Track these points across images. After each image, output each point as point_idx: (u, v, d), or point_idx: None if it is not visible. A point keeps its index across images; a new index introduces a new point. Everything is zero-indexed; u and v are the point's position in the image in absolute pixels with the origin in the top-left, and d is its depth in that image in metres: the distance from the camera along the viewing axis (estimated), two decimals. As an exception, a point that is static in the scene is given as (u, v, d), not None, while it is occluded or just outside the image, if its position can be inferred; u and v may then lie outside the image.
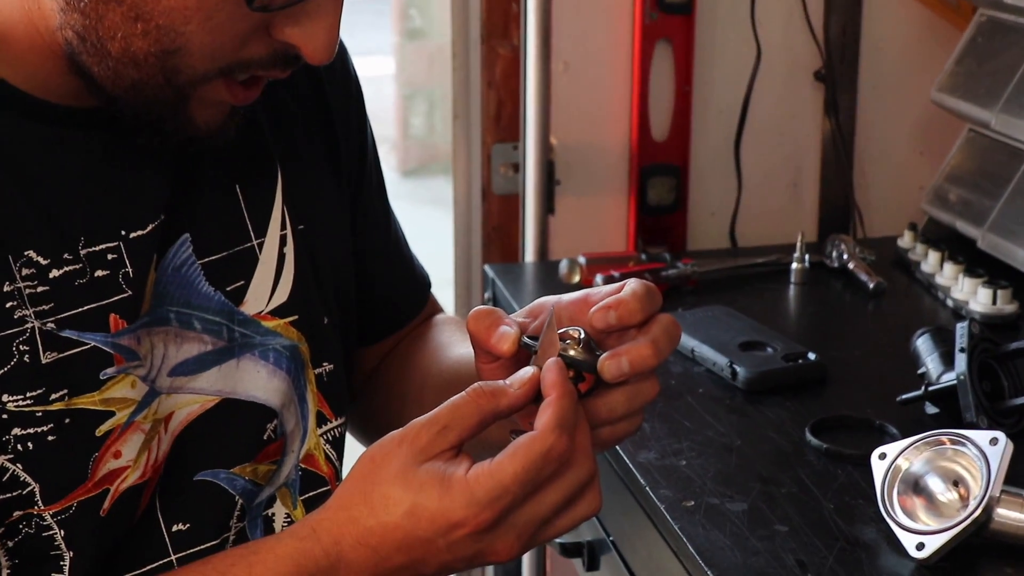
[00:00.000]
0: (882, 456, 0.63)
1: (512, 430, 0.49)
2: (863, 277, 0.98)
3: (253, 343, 0.57)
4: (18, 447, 0.50)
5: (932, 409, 0.75)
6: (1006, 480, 0.59)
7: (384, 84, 3.25)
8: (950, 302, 0.94)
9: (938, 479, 0.61)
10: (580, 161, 1.11)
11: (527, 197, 1.08)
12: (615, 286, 0.52)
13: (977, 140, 1.01)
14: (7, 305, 0.50)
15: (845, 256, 1.00)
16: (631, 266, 0.98)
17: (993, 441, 0.60)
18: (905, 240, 1.03)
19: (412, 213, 1.61)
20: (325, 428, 0.60)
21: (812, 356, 0.81)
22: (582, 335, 0.51)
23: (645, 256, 1.01)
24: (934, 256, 0.97)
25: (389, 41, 3.30)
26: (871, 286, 0.97)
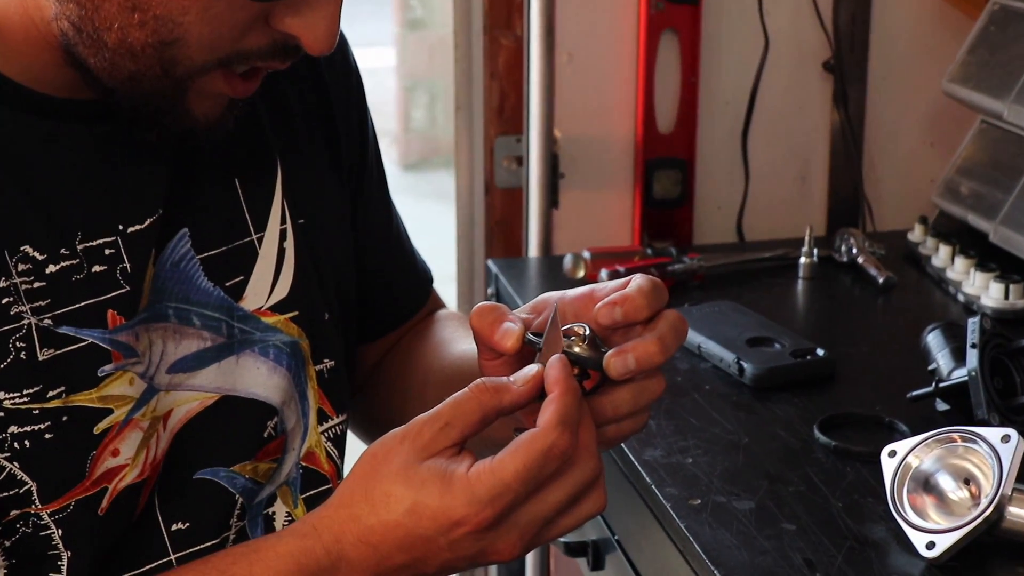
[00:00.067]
0: (892, 454, 0.63)
1: (515, 428, 0.48)
2: (872, 272, 0.97)
3: (253, 339, 0.57)
4: (15, 445, 0.50)
5: (943, 406, 0.74)
6: (1018, 478, 0.59)
7: (385, 76, 3.24)
8: (961, 297, 0.93)
9: (949, 477, 0.61)
10: (584, 154, 1.11)
11: (530, 191, 1.08)
12: (620, 282, 0.52)
13: (989, 131, 1.00)
14: (3, 301, 0.50)
15: (854, 250, 1.00)
16: (636, 261, 0.97)
17: (1005, 438, 0.60)
18: (915, 234, 1.02)
19: (414, 207, 1.61)
20: (326, 425, 0.60)
21: (821, 352, 0.81)
22: (587, 331, 0.50)
23: (651, 251, 1.00)
24: (945, 250, 0.96)
25: (390, 32, 3.29)
26: (881, 281, 0.96)
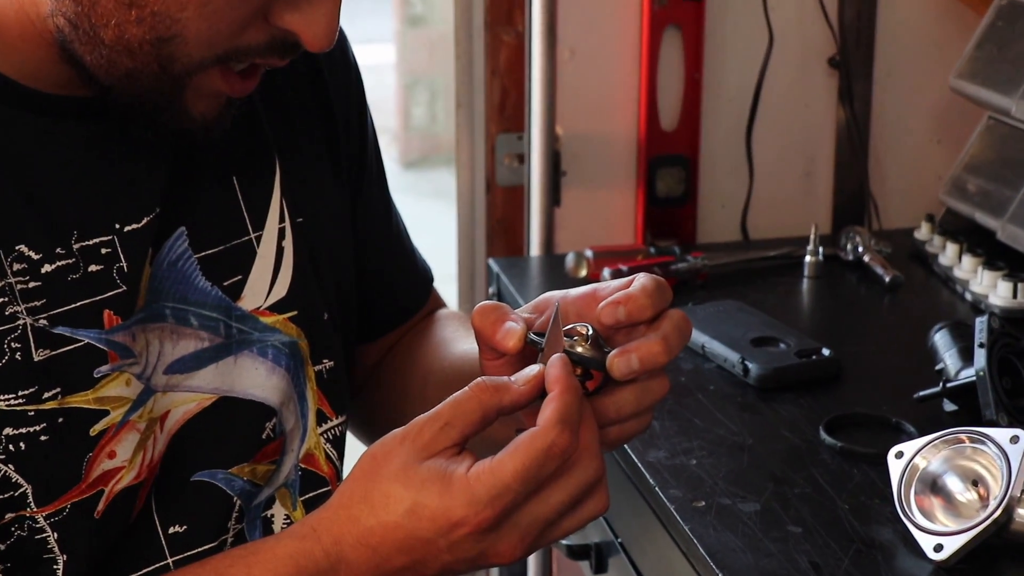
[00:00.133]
0: (899, 455, 0.63)
1: (517, 428, 0.48)
2: (879, 270, 0.97)
3: (251, 339, 0.56)
4: (10, 447, 0.49)
5: (950, 406, 0.74)
6: (1028, 480, 0.58)
7: (385, 73, 3.24)
8: (969, 296, 0.92)
9: (957, 479, 0.60)
10: (587, 152, 1.10)
11: (532, 189, 1.07)
12: (623, 281, 0.51)
13: (997, 128, 0.99)
14: (-3, 301, 0.49)
15: (860, 248, 0.99)
16: (639, 260, 0.96)
17: (1014, 439, 0.59)
18: (922, 232, 1.02)
19: (414, 206, 1.61)
20: (325, 427, 0.59)
21: (826, 352, 0.80)
22: (590, 331, 0.50)
23: (654, 249, 1.00)
24: (952, 248, 0.96)
25: (390, 28, 3.29)
26: (887, 279, 0.95)
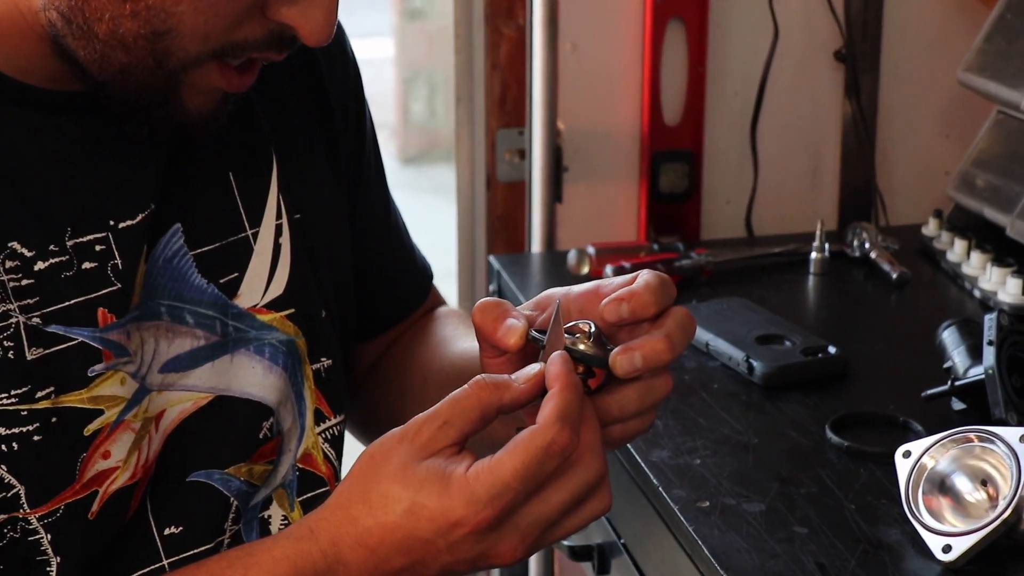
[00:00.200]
0: (906, 454, 0.62)
1: (518, 427, 0.47)
2: (886, 267, 0.96)
3: (248, 338, 0.55)
4: (2, 447, 0.49)
5: (959, 405, 0.74)
6: (1038, 480, 0.57)
7: (383, 67, 3.23)
8: (977, 292, 0.92)
9: (965, 478, 0.60)
10: (589, 147, 1.10)
11: (533, 185, 1.07)
12: (627, 277, 0.51)
13: (1006, 122, 0.98)
14: (-11, 299, 0.49)
15: (867, 245, 0.98)
16: (642, 256, 0.96)
17: (1023, 438, 0.58)
18: (930, 228, 1.01)
19: (413, 202, 1.60)
20: (323, 426, 0.59)
21: (832, 350, 0.80)
22: (592, 329, 0.49)
23: (657, 246, 0.99)
24: (960, 244, 0.95)
25: (388, 22, 3.28)
26: (894, 276, 0.95)
